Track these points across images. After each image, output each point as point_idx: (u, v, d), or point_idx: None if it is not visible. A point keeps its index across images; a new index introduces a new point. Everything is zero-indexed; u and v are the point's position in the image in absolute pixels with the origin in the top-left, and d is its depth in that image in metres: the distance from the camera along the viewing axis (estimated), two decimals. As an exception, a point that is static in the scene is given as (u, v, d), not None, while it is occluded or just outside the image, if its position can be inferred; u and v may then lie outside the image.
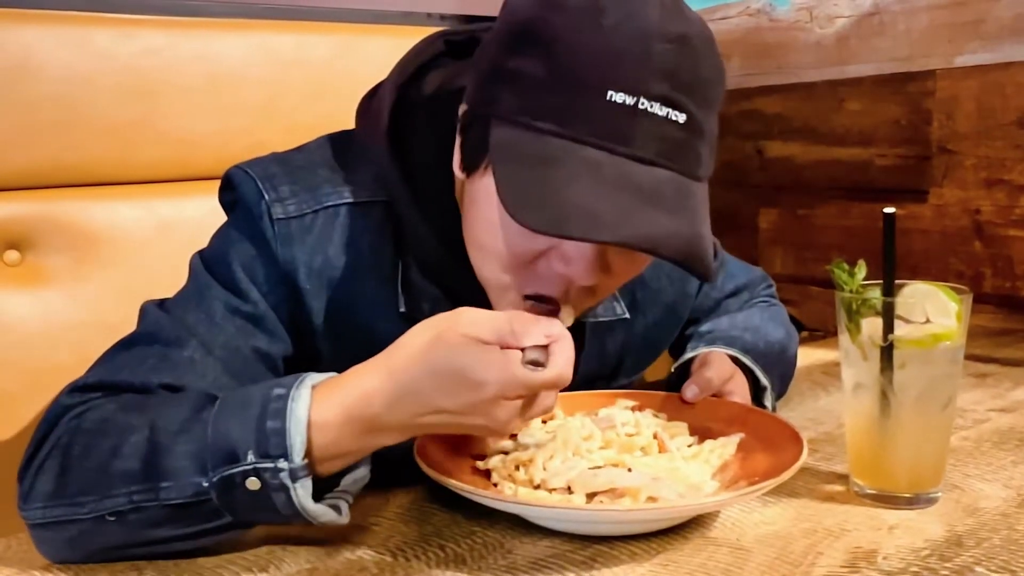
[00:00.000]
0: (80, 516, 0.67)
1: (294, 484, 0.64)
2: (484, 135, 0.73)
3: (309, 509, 0.65)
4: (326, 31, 1.47)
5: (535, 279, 0.75)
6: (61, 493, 0.68)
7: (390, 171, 0.82)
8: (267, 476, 0.64)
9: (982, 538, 0.69)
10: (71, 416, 0.71)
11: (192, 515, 0.66)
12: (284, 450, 0.64)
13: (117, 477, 0.66)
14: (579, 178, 0.68)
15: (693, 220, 0.71)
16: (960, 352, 0.75)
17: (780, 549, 0.68)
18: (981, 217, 1.49)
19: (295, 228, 0.81)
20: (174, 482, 0.65)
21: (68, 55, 1.23)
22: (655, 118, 0.69)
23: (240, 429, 0.65)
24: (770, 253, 1.80)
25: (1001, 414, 1.00)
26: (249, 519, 0.67)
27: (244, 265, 0.81)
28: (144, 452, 0.66)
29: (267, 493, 0.64)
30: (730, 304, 1.12)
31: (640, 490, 0.70)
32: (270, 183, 0.82)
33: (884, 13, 1.58)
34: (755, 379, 0.95)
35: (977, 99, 1.48)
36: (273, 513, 0.66)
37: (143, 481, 0.66)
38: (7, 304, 1.18)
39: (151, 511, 0.66)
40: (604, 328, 0.95)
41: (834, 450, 0.88)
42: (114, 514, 0.66)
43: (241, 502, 0.65)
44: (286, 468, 0.64)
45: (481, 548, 0.69)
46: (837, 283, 0.76)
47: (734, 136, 1.83)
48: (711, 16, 1.84)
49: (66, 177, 1.25)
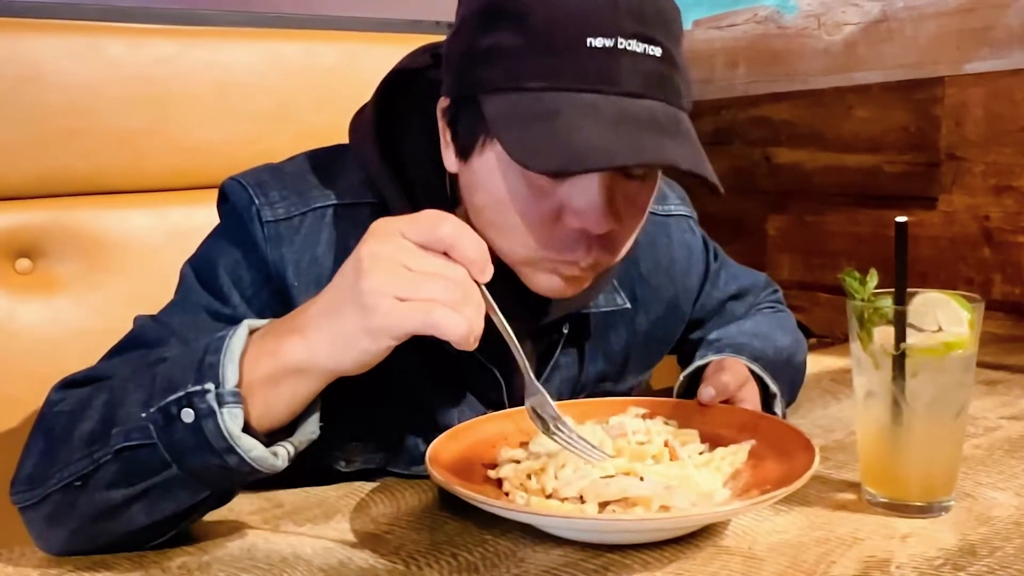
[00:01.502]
0: (52, 488, 0.69)
1: (221, 409, 0.64)
2: (476, 114, 0.76)
3: (237, 438, 0.64)
4: (334, 39, 1.47)
5: (557, 243, 0.77)
6: (38, 472, 0.71)
7: (380, 171, 0.85)
8: (197, 401, 0.64)
9: (995, 547, 0.69)
10: (56, 406, 0.75)
11: (140, 464, 0.67)
12: (216, 378, 0.65)
13: (80, 440, 0.69)
14: (581, 120, 0.71)
15: (692, 141, 0.75)
16: (972, 360, 0.75)
17: (792, 558, 0.67)
18: (990, 224, 1.49)
19: (284, 229, 0.84)
20: (122, 427, 0.67)
21: (79, 64, 1.24)
22: (634, 55, 0.73)
23: (182, 370, 0.66)
24: (778, 260, 1.80)
25: (1012, 422, 1.00)
26: (190, 465, 0.66)
27: (229, 270, 0.84)
28: (102, 412, 0.69)
29: (199, 423, 0.64)
30: (735, 307, 1.13)
31: (652, 499, 0.70)
32: (260, 189, 0.85)
33: (892, 20, 1.58)
34: (764, 386, 0.95)
35: (986, 106, 1.48)
36: (209, 452, 0.65)
37: (101, 437, 0.68)
38: (18, 312, 1.19)
39: (106, 467, 0.67)
40: (607, 322, 0.97)
41: (845, 458, 0.88)
42: (79, 478, 0.68)
43: (180, 441, 0.65)
44: (212, 391, 0.64)
45: (493, 557, 0.69)
46: (848, 292, 0.76)
47: (742, 143, 1.83)
48: (718, 23, 1.85)
49: (77, 185, 1.26)
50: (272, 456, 0.67)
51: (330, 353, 0.65)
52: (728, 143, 1.85)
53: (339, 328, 0.64)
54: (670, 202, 1.09)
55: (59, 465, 0.69)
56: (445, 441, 0.80)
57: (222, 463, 0.65)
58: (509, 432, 0.85)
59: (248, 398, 0.66)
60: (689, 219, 1.10)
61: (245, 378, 0.66)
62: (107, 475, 0.67)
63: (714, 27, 1.85)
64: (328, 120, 1.13)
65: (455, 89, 0.79)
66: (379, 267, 0.63)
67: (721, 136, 1.86)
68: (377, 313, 0.62)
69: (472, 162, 0.79)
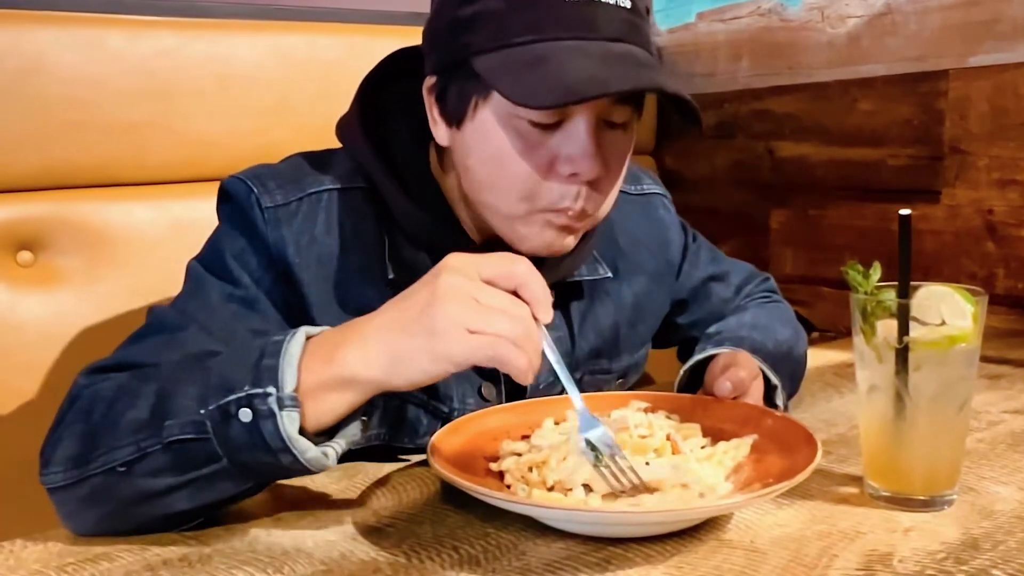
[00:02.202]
0: (93, 472, 0.71)
1: (281, 412, 0.67)
2: (466, 77, 0.82)
3: (295, 440, 0.67)
4: (337, 32, 1.47)
5: (550, 193, 0.83)
6: (78, 454, 0.72)
7: (367, 155, 0.91)
8: (257, 403, 0.67)
9: (998, 540, 0.69)
10: (90, 390, 0.77)
11: (190, 457, 0.69)
12: (275, 381, 0.68)
13: (127, 427, 0.71)
14: (570, 61, 0.78)
15: (674, 75, 0.84)
16: (976, 354, 0.75)
17: (795, 551, 0.67)
18: (994, 217, 1.49)
19: (282, 213, 0.89)
20: (176, 420, 0.69)
21: (81, 56, 1.24)
22: (608, 6, 0.81)
23: (240, 370, 0.69)
24: (781, 253, 1.79)
25: (1015, 416, 1.00)
26: (243, 460, 0.69)
27: (235, 255, 0.88)
28: (152, 402, 0.71)
29: (257, 424, 0.67)
30: (719, 289, 1.15)
31: (663, 482, 0.70)
32: (258, 180, 0.90)
33: (896, 13, 1.57)
34: (765, 378, 0.95)
35: (990, 99, 1.47)
36: (264, 451, 0.68)
37: (149, 427, 0.70)
38: (20, 304, 1.19)
39: (154, 456, 0.70)
40: (592, 294, 1.02)
41: (847, 451, 0.88)
42: (124, 464, 0.70)
43: (235, 438, 0.68)
44: (274, 394, 0.67)
45: (495, 550, 0.69)
46: (852, 285, 0.76)
47: (745, 136, 1.83)
48: (721, 16, 1.84)
49: (78, 178, 1.26)
50: (323, 457, 0.69)
51: (387, 369, 0.68)
52: (731, 136, 1.85)
53: (402, 347, 0.68)
54: (644, 183, 1.14)
55: (102, 449, 0.71)
56: (447, 434, 0.80)
57: (275, 461, 0.68)
58: (511, 425, 0.85)
59: (302, 402, 0.68)
60: (664, 197, 1.15)
61: (301, 383, 0.68)
62: (154, 464, 0.70)
63: (717, 20, 1.84)
64: (330, 112, 1.13)
65: (442, 62, 0.85)
66: (454, 297, 0.67)
67: (724, 129, 1.86)
68: (447, 340, 0.66)
69: (465, 127, 0.85)
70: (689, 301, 1.14)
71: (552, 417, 0.86)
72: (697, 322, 1.14)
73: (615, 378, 1.08)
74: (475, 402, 0.93)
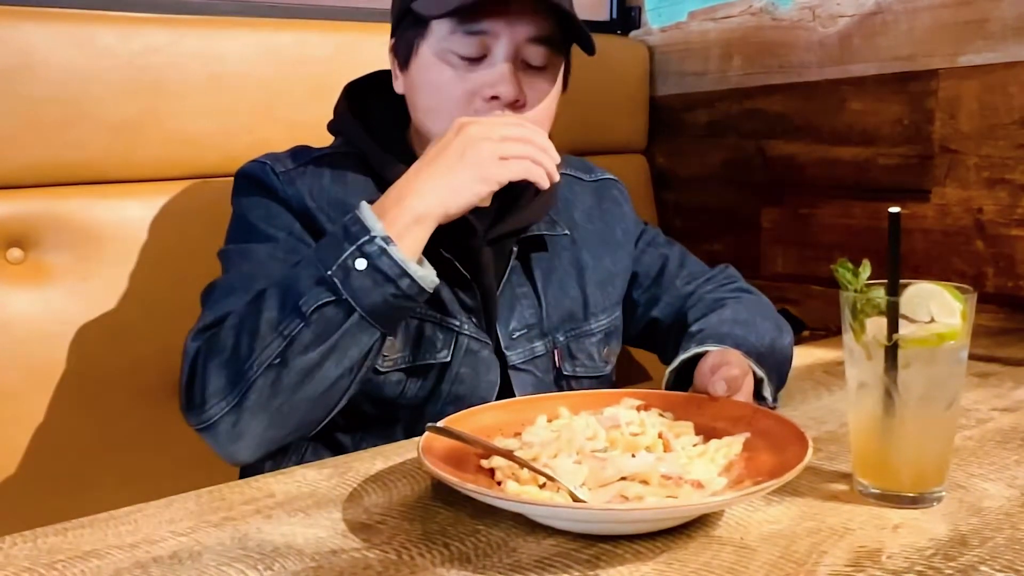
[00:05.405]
0: (253, 379, 0.86)
1: (389, 246, 0.86)
2: (409, 24, 1.01)
3: (408, 263, 0.86)
4: (328, 29, 1.47)
5: (477, 113, 0.99)
6: (230, 378, 0.87)
7: (358, 131, 1.06)
8: (366, 247, 0.86)
9: (986, 537, 0.69)
10: (206, 339, 0.91)
11: (329, 321, 0.86)
12: (368, 229, 0.86)
13: (266, 329, 0.86)
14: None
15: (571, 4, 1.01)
16: (964, 352, 0.75)
17: (784, 548, 0.68)
18: (983, 217, 1.49)
19: (294, 174, 1.04)
20: (308, 294, 0.86)
21: (71, 53, 1.23)
22: None
23: (334, 247, 0.87)
24: (772, 252, 1.80)
25: (1004, 413, 1.00)
26: (372, 302, 0.86)
27: (264, 219, 1.01)
28: (278, 299, 0.87)
29: (374, 264, 0.85)
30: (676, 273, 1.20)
31: (650, 474, 0.71)
32: (267, 156, 1.07)
33: (887, 12, 1.58)
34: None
35: (980, 99, 1.48)
36: (386, 283, 0.86)
37: (287, 315, 0.86)
38: (10, 302, 1.18)
39: (301, 335, 0.86)
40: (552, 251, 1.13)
41: (837, 449, 0.88)
42: (278, 356, 0.86)
43: (360, 285, 0.85)
44: (377, 234, 0.86)
45: (486, 547, 0.69)
46: (841, 283, 0.76)
47: (736, 135, 1.83)
48: (712, 15, 1.84)
49: (69, 175, 1.25)
50: (430, 273, 0.89)
51: (446, 199, 0.90)
52: (722, 135, 1.85)
53: (455, 180, 0.90)
54: (597, 172, 1.25)
55: (252, 358, 0.86)
56: (438, 431, 0.80)
57: (396, 290, 0.86)
58: (504, 422, 0.85)
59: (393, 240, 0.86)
60: (617, 182, 1.26)
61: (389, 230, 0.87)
62: (302, 340, 0.86)
63: (709, 19, 1.85)
64: (321, 110, 1.14)
65: (395, 21, 1.05)
66: (486, 137, 0.91)
67: (715, 128, 1.86)
68: (490, 167, 0.90)
69: (411, 67, 1.03)
70: (643, 276, 1.20)
71: (545, 414, 0.86)
72: (653, 300, 1.19)
73: (599, 340, 1.13)
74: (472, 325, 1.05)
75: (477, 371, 1.04)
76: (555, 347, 1.10)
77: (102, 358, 1.22)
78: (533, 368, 1.08)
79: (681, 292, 1.18)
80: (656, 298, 1.19)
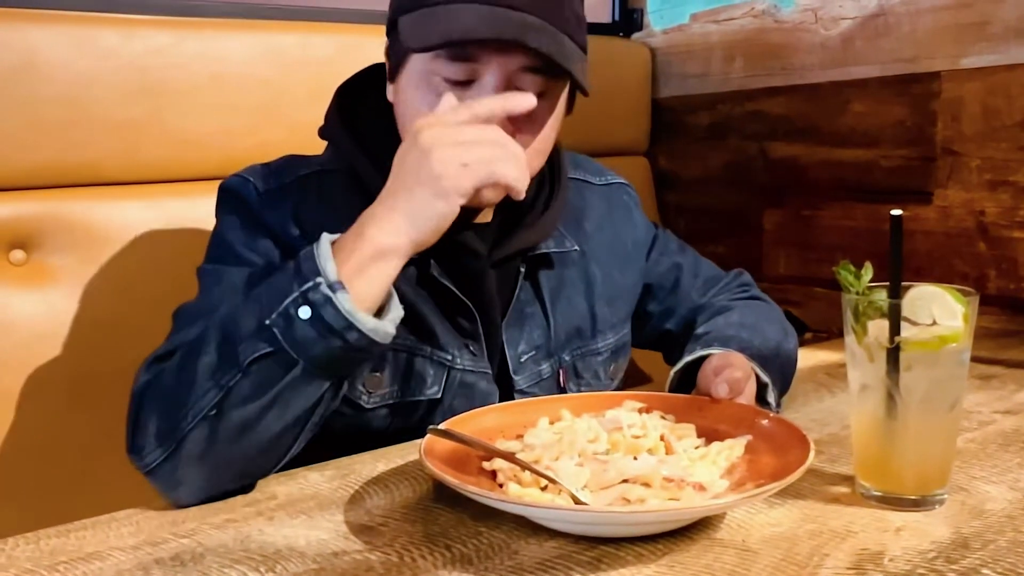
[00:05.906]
0: (187, 430, 0.77)
1: (335, 294, 0.76)
2: (398, 35, 0.91)
3: (355, 314, 0.76)
4: (330, 31, 1.47)
5: None
6: (167, 425, 0.79)
7: (347, 142, 0.99)
8: (311, 296, 0.76)
9: (988, 540, 0.69)
10: (153, 375, 0.84)
11: (269, 373, 0.77)
12: (318, 272, 0.77)
13: (203, 376, 0.78)
14: (461, 16, 0.87)
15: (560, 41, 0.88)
16: (966, 354, 0.75)
17: (786, 551, 0.68)
18: (986, 219, 1.49)
19: (276, 196, 0.97)
20: (246, 343, 0.77)
21: (73, 55, 1.23)
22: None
23: (283, 283, 0.78)
24: (774, 254, 1.80)
25: (1006, 416, 1.00)
26: (315, 355, 0.77)
27: (243, 241, 0.94)
28: (217, 342, 0.79)
29: (317, 314, 0.76)
30: (688, 281, 1.17)
31: (652, 477, 0.70)
32: (251, 172, 0.99)
33: (889, 14, 1.58)
34: (756, 377, 0.95)
35: (982, 101, 1.48)
36: (331, 335, 0.76)
37: (224, 362, 0.78)
38: (12, 303, 1.18)
39: (238, 386, 0.77)
40: (561, 268, 1.07)
41: (839, 451, 0.88)
42: (213, 407, 0.77)
43: (303, 336, 0.76)
44: (323, 282, 0.76)
45: (487, 549, 0.69)
46: (843, 285, 0.76)
47: (738, 137, 1.83)
48: (715, 17, 1.84)
49: (71, 177, 1.25)
50: (385, 324, 0.79)
51: (409, 227, 0.80)
52: (724, 137, 1.85)
53: (415, 202, 0.79)
54: (608, 176, 1.20)
55: (187, 407, 0.78)
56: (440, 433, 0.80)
57: (343, 343, 0.76)
58: (506, 424, 0.85)
59: (348, 285, 0.77)
60: (627, 187, 1.21)
61: (340, 269, 0.77)
62: (240, 393, 0.77)
63: (711, 21, 1.85)
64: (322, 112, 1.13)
65: (389, 23, 0.96)
66: (440, 144, 0.79)
67: (717, 130, 1.86)
68: (449, 178, 0.78)
69: (399, 80, 0.95)
70: (657, 287, 1.17)
71: (547, 416, 0.86)
72: (668, 312, 1.17)
73: (606, 358, 1.10)
74: (468, 354, 0.99)
75: (472, 403, 0.97)
76: (560, 367, 1.06)
77: (104, 359, 1.22)
78: (537, 390, 1.04)
79: (695, 304, 1.16)
80: (671, 310, 1.17)
